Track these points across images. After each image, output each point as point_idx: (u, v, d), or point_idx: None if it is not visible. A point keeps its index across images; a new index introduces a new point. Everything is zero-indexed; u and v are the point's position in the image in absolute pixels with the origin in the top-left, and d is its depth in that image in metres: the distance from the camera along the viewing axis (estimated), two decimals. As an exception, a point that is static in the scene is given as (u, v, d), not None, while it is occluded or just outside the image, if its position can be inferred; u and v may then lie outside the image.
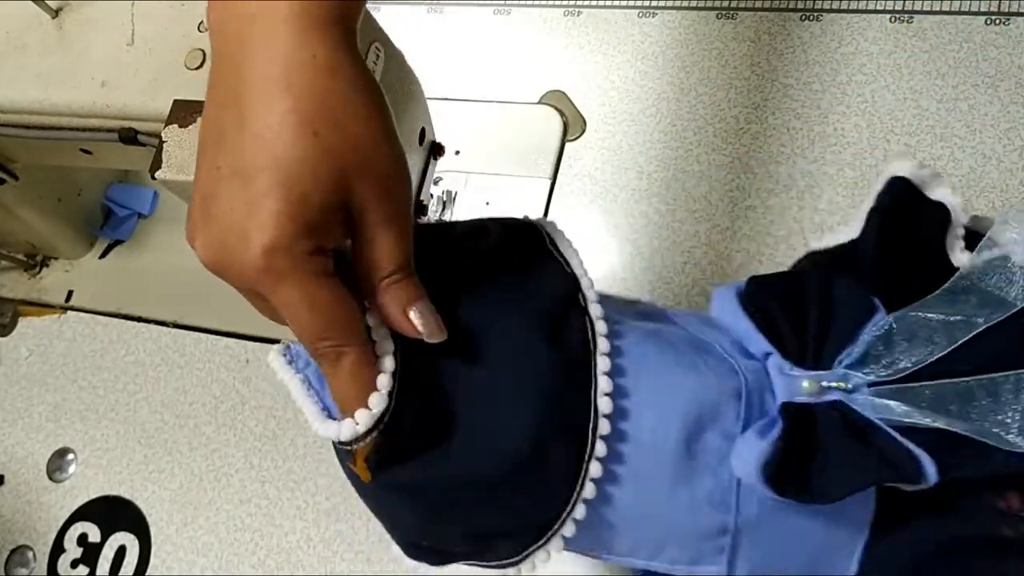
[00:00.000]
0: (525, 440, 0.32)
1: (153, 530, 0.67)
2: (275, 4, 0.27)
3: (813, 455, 0.37)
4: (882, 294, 0.40)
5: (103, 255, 0.82)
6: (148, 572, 0.66)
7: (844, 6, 0.67)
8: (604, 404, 0.33)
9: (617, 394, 0.34)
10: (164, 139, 0.46)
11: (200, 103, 0.46)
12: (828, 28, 0.67)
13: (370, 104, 0.28)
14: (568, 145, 0.70)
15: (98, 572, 0.67)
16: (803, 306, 0.40)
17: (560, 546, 0.35)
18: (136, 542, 0.67)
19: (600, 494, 0.34)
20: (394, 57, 0.53)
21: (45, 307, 0.80)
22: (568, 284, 0.36)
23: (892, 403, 0.38)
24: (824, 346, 0.40)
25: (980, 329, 0.38)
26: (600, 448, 0.33)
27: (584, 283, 0.36)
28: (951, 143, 0.60)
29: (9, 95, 0.55)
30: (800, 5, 0.68)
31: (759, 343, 0.40)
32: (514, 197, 0.69)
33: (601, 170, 0.69)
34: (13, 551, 0.70)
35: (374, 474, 0.31)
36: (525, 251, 0.36)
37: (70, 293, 0.80)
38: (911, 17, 0.65)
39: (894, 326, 0.39)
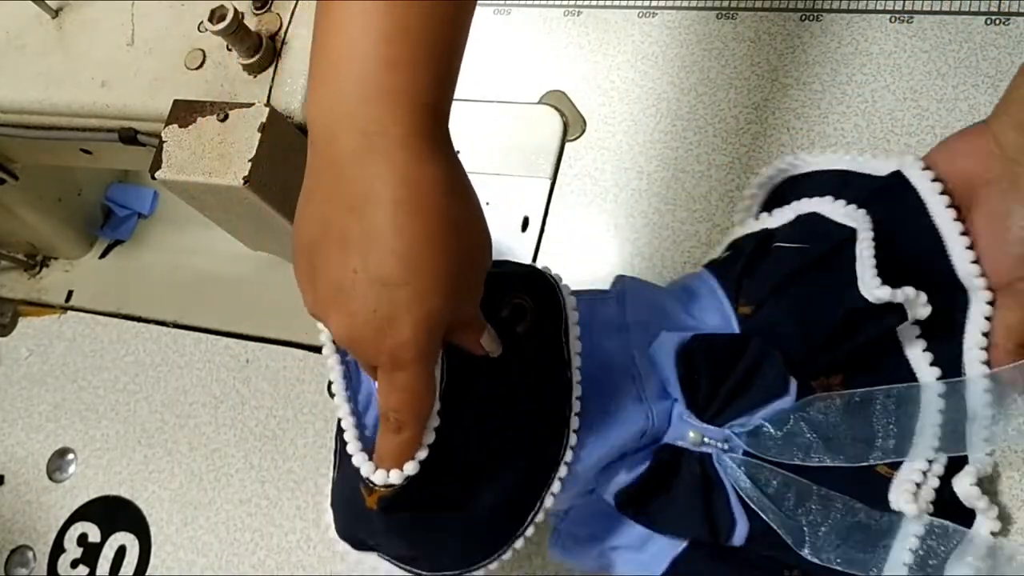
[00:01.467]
0: (499, 502, 0.42)
1: (153, 530, 0.67)
2: (389, 126, 0.31)
3: (662, 492, 0.48)
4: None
5: (103, 255, 0.82)
6: (148, 572, 0.66)
7: (844, 6, 0.67)
8: (556, 486, 0.44)
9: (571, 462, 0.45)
10: (164, 139, 0.46)
11: (200, 103, 0.46)
12: (828, 28, 0.67)
13: (479, 214, 0.34)
14: (568, 145, 0.70)
15: (98, 572, 0.67)
16: (731, 368, 0.48)
17: (509, 555, 0.44)
18: (136, 542, 0.67)
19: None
20: (394, 57, 0.53)
21: (45, 307, 0.80)
22: (563, 394, 0.44)
23: (743, 477, 0.47)
24: (726, 409, 0.48)
25: (841, 465, 0.46)
26: (556, 487, 0.44)
27: (576, 393, 0.44)
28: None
29: (9, 95, 0.55)
30: (800, 5, 0.68)
31: (674, 390, 0.49)
32: (514, 197, 0.69)
33: (601, 170, 0.68)
34: (13, 551, 0.70)
35: (381, 510, 0.38)
36: (548, 342, 0.44)
37: (70, 293, 0.80)
38: (911, 17, 0.65)
39: (791, 419, 0.48)
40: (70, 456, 0.72)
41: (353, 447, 0.39)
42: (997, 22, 0.63)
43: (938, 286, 0.48)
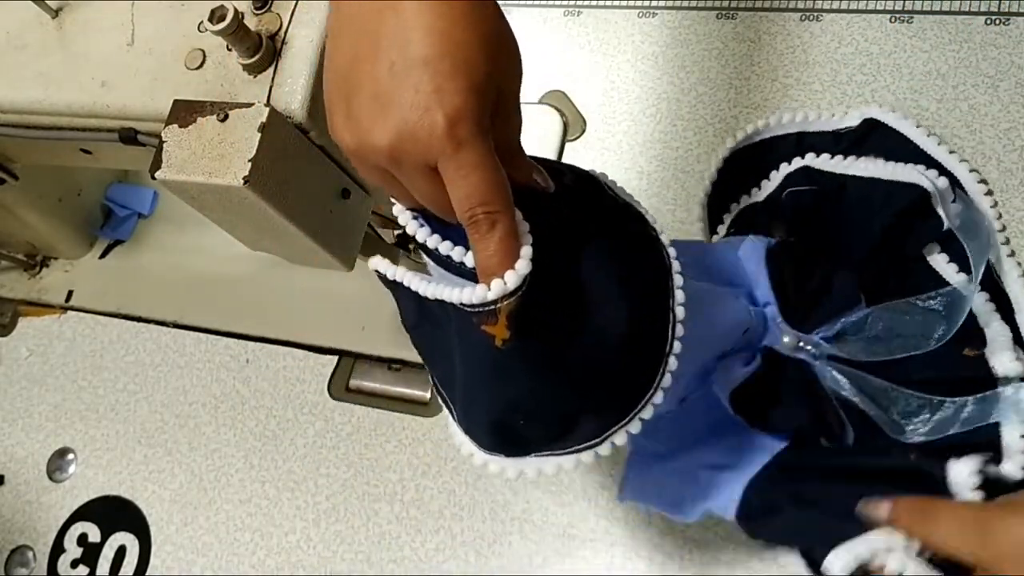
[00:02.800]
0: (627, 328, 0.38)
1: (153, 530, 0.67)
2: None
3: (770, 394, 0.49)
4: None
5: (103, 255, 0.82)
6: (148, 572, 0.66)
7: (844, 6, 0.67)
8: (680, 312, 0.40)
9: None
10: (164, 139, 0.46)
11: (200, 103, 0.46)
12: (828, 28, 0.67)
13: (498, 6, 0.34)
14: (568, 145, 0.70)
15: (98, 572, 0.67)
16: (807, 277, 0.51)
17: (637, 427, 0.39)
18: (136, 542, 0.67)
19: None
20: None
21: (45, 307, 0.80)
22: (640, 218, 0.42)
23: (842, 379, 0.49)
24: (811, 315, 0.50)
25: (928, 349, 0.49)
26: (676, 346, 0.40)
27: (649, 218, 0.42)
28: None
29: (9, 95, 0.55)
30: (800, 5, 0.68)
31: (766, 293, 0.50)
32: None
33: (601, 170, 0.68)
34: (13, 551, 0.70)
35: (515, 331, 0.35)
36: (595, 192, 0.42)
37: (70, 293, 0.80)
38: (911, 17, 0.65)
39: (870, 321, 0.50)
40: (70, 456, 0.72)
41: (455, 291, 0.35)
42: (997, 22, 0.63)
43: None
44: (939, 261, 0.53)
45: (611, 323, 0.38)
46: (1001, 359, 0.49)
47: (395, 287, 0.40)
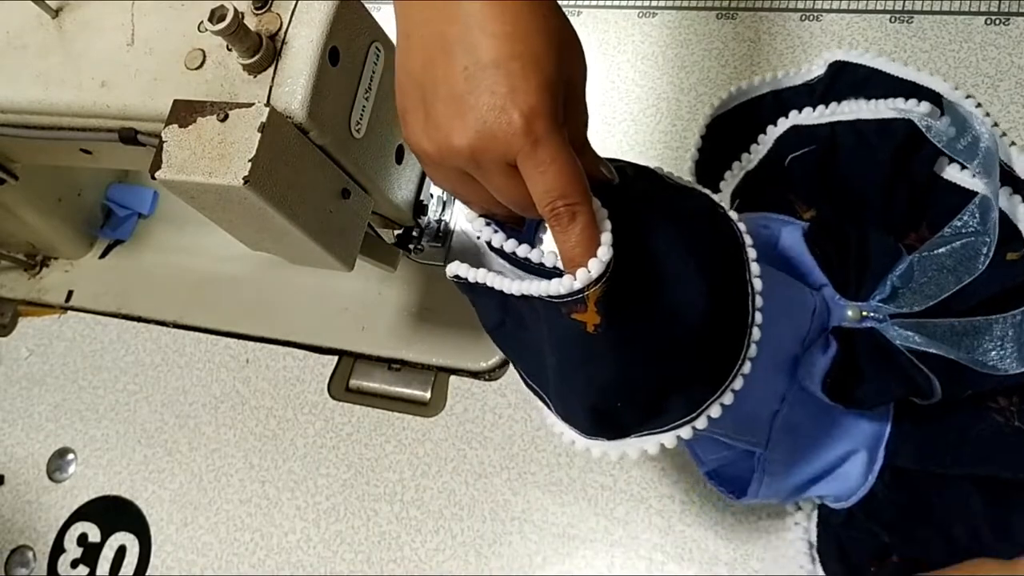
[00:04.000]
0: (707, 302, 0.39)
1: (153, 530, 0.67)
2: None
3: (853, 371, 0.48)
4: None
5: (103, 255, 0.82)
6: (148, 572, 0.66)
7: (844, 6, 0.67)
8: (758, 284, 0.41)
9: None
10: (164, 139, 0.46)
11: (200, 103, 0.46)
12: (828, 28, 0.67)
13: (556, 4, 0.35)
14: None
15: (98, 572, 0.67)
16: (847, 249, 0.52)
17: (730, 399, 0.41)
18: (136, 542, 0.67)
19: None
20: (394, 57, 0.53)
21: (45, 307, 0.80)
22: (704, 197, 0.43)
23: (912, 333, 0.49)
24: (863, 284, 0.51)
25: (976, 275, 0.49)
26: (758, 317, 0.41)
27: (715, 197, 0.43)
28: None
29: (9, 95, 0.55)
30: (800, 5, 0.68)
31: (818, 276, 0.51)
32: (514, 197, 0.69)
33: (601, 170, 0.68)
34: (13, 551, 0.70)
35: (604, 316, 0.36)
36: (657, 181, 0.43)
37: (70, 293, 0.80)
38: (911, 17, 0.65)
39: (915, 268, 0.51)
40: (70, 456, 0.72)
41: (543, 285, 0.36)
42: (997, 22, 0.63)
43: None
44: (953, 172, 0.54)
45: (692, 299, 0.39)
46: None
47: (475, 289, 0.41)
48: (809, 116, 0.59)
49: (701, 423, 0.41)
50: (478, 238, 0.41)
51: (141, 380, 0.74)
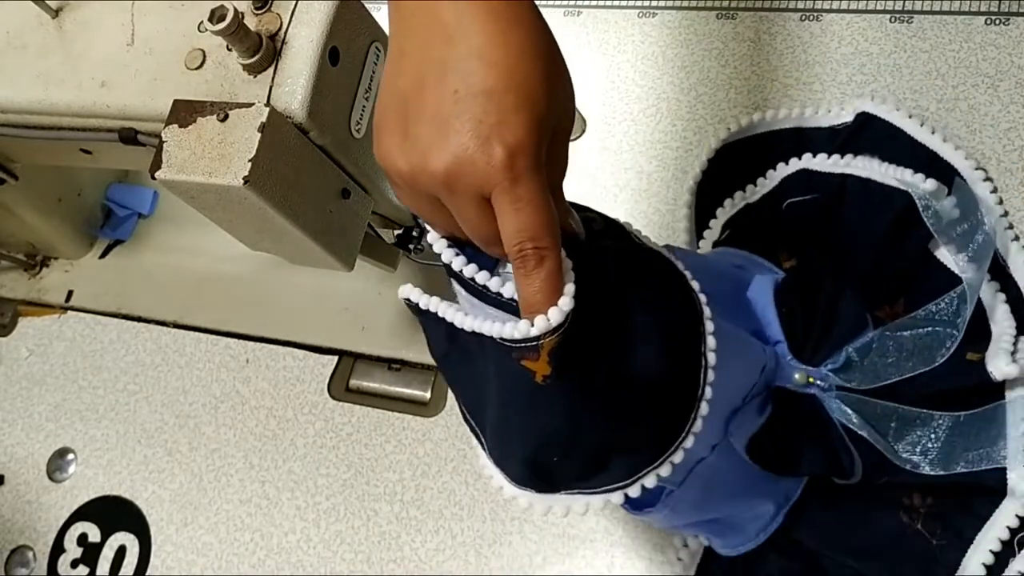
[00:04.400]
0: (663, 367, 0.39)
1: (153, 530, 0.67)
2: None
3: (784, 437, 0.48)
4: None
5: (103, 255, 0.82)
6: (148, 572, 0.66)
7: (844, 6, 0.67)
8: (712, 358, 0.41)
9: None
10: (164, 139, 0.46)
11: (200, 103, 0.46)
12: (828, 28, 0.67)
13: (556, 41, 0.34)
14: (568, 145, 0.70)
15: (98, 572, 0.67)
16: (814, 311, 0.50)
17: (668, 471, 0.40)
18: (136, 542, 0.67)
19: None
20: (394, 57, 0.53)
21: (45, 307, 0.80)
22: (669, 263, 0.43)
23: (851, 412, 0.49)
24: (819, 348, 0.50)
25: (933, 367, 0.49)
26: (708, 391, 0.40)
27: (679, 265, 0.43)
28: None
29: (9, 95, 0.55)
30: (800, 5, 0.68)
31: (776, 332, 0.50)
32: (514, 197, 0.69)
33: (601, 170, 0.68)
34: (13, 551, 0.70)
35: (556, 368, 0.35)
36: (623, 239, 0.43)
37: (70, 293, 0.80)
38: (911, 17, 0.65)
39: (875, 344, 0.50)
40: (70, 456, 0.72)
41: (496, 326, 0.35)
42: (997, 22, 0.63)
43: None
44: (946, 254, 0.53)
45: (649, 364, 0.39)
46: (997, 363, 0.48)
47: (425, 315, 0.40)
48: (823, 163, 0.58)
49: (634, 491, 0.40)
50: (438, 257, 0.39)
51: (141, 380, 0.74)
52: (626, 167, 0.68)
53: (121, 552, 0.67)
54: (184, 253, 0.79)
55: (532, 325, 0.34)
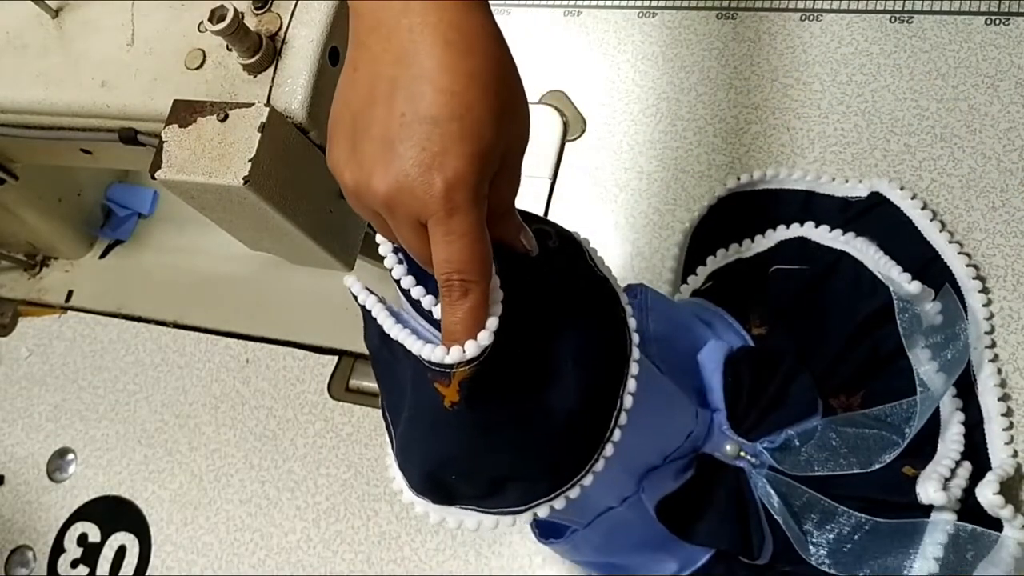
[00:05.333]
0: (576, 402, 0.39)
1: (153, 530, 0.67)
2: None
3: (699, 504, 0.48)
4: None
5: (103, 255, 0.82)
6: (148, 572, 0.66)
7: (844, 6, 0.67)
8: (628, 401, 0.41)
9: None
10: (164, 139, 0.46)
11: (200, 103, 0.46)
12: (828, 28, 0.67)
13: (517, 71, 0.34)
14: (568, 145, 0.70)
15: (98, 572, 0.67)
16: (765, 385, 0.50)
17: (562, 504, 0.40)
18: (136, 542, 0.67)
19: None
20: (394, 57, 0.53)
21: (45, 307, 0.80)
22: (612, 297, 0.43)
23: (773, 494, 0.49)
24: (761, 424, 0.50)
25: (870, 469, 0.47)
26: (616, 434, 0.40)
27: (623, 298, 0.43)
28: (951, 143, 0.60)
29: (9, 95, 0.55)
30: (800, 5, 0.68)
31: (718, 399, 0.50)
32: (514, 197, 0.69)
33: (601, 170, 0.69)
34: (13, 551, 0.70)
35: (465, 399, 0.36)
36: (576, 259, 0.43)
37: (70, 293, 0.80)
38: (911, 17, 0.65)
39: (818, 433, 0.49)
40: (70, 456, 0.72)
41: (416, 343, 0.36)
42: (997, 22, 0.63)
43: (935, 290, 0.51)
44: (921, 357, 0.50)
45: (563, 398, 0.39)
46: (926, 487, 0.46)
47: (363, 309, 0.40)
48: (823, 235, 0.57)
49: (525, 518, 0.40)
50: (383, 260, 0.40)
51: (141, 380, 0.74)
52: (626, 167, 0.68)
53: (121, 552, 0.67)
54: (184, 253, 0.79)
55: (447, 353, 0.34)
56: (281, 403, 0.69)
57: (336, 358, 0.69)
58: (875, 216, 0.58)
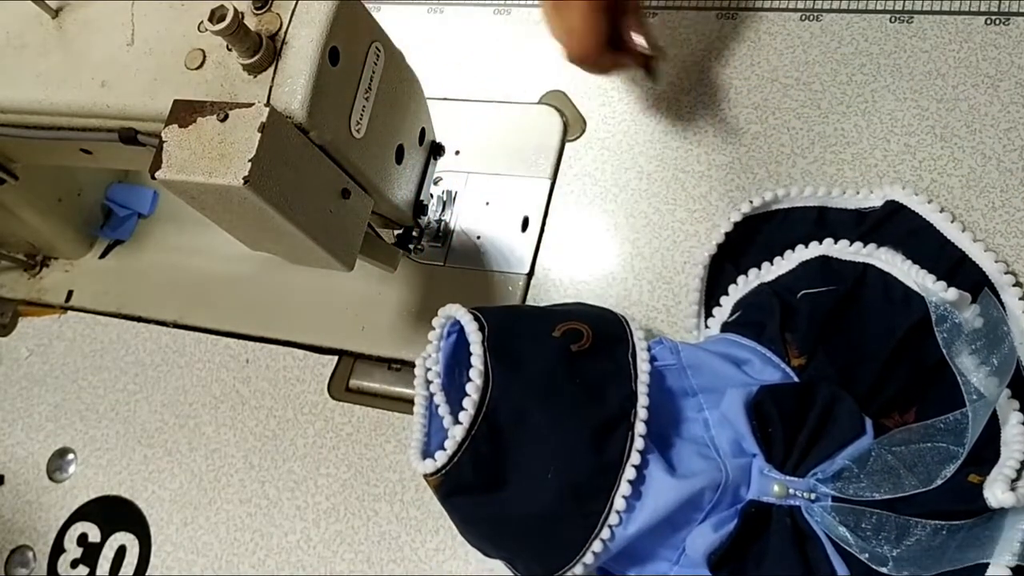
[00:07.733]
0: (550, 509, 0.44)
1: (153, 530, 0.67)
2: None
3: (754, 548, 0.47)
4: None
5: (103, 255, 0.82)
6: (148, 572, 0.66)
7: (844, 6, 0.67)
8: (620, 503, 0.45)
9: (629, 497, 0.45)
10: (164, 139, 0.46)
11: (200, 103, 0.46)
12: (828, 28, 0.67)
13: None
14: (568, 145, 0.70)
15: (98, 572, 0.67)
16: (803, 417, 0.49)
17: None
18: (136, 542, 0.67)
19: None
20: (394, 57, 0.53)
21: (45, 307, 0.80)
22: (628, 401, 0.47)
23: (836, 525, 0.47)
24: (806, 458, 0.49)
25: (935, 485, 0.46)
26: (605, 533, 0.44)
27: (641, 401, 0.47)
28: (951, 143, 0.60)
29: (9, 95, 0.55)
30: (800, 5, 0.68)
31: (751, 445, 0.49)
32: (514, 197, 0.69)
33: (601, 170, 0.69)
34: (13, 551, 0.70)
35: (440, 497, 0.45)
36: (608, 355, 0.48)
37: (70, 293, 0.80)
38: (911, 17, 0.65)
39: (873, 454, 0.47)
40: (70, 456, 0.72)
41: (412, 450, 0.47)
42: (997, 22, 0.63)
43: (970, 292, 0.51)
44: (968, 364, 0.48)
45: (534, 506, 0.45)
46: (994, 490, 0.45)
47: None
48: (844, 250, 0.55)
49: None
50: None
51: (141, 380, 0.74)
52: (626, 167, 0.68)
53: (121, 552, 0.67)
54: (184, 253, 0.79)
55: (423, 463, 0.45)
56: (281, 403, 0.69)
57: (336, 358, 0.69)
58: (894, 225, 0.57)
